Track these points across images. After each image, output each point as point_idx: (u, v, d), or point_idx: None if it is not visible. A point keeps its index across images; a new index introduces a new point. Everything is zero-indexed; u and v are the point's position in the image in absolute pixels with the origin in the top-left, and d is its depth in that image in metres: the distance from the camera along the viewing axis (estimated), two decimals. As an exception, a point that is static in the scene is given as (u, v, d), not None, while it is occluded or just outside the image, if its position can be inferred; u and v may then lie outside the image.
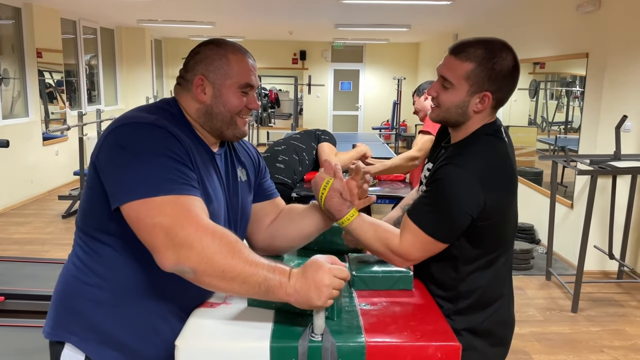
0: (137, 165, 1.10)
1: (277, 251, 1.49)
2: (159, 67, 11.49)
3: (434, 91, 1.39)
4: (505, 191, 1.35)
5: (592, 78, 4.29)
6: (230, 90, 1.26)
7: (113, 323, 1.21)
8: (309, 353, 1.06)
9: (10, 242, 4.89)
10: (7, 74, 6.19)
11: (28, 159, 6.37)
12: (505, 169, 1.35)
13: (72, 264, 1.26)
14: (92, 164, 1.18)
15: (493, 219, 1.32)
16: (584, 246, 3.59)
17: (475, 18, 7.24)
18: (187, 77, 1.27)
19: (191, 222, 1.07)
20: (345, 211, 1.34)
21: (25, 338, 2.73)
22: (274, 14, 7.41)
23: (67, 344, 1.23)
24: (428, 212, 1.31)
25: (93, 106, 8.23)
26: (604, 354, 3.11)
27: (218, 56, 1.25)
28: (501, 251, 1.40)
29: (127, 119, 1.18)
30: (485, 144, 1.36)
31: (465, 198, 1.28)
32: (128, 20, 8.60)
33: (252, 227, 1.47)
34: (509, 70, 1.33)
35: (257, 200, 1.47)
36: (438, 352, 1.09)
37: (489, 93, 1.33)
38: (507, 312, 1.47)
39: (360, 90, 12.41)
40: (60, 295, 1.26)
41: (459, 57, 1.33)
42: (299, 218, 1.44)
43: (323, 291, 1.06)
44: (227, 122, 1.28)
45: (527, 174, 5.65)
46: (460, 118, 1.37)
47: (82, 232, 1.24)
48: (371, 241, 1.35)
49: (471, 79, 1.32)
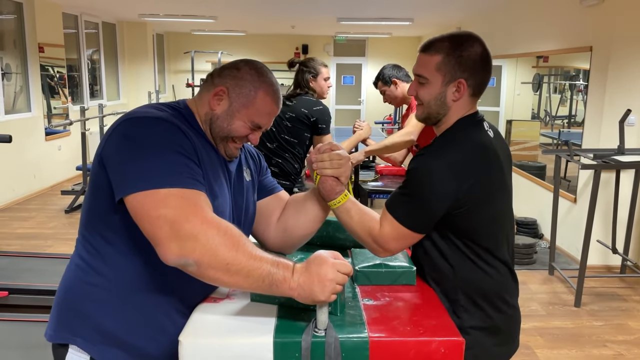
0: (144, 157, 1.10)
1: (293, 245, 1.47)
2: (161, 61, 11.47)
3: (413, 90, 1.44)
4: (480, 179, 1.33)
5: (595, 72, 4.27)
6: (242, 118, 1.27)
7: (118, 323, 1.21)
8: (312, 348, 1.06)
9: (14, 237, 4.91)
10: (9, 68, 6.19)
11: (31, 154, 6.38)
12: (481, 156, 1.35)
13: (75, 265, 1.25)
14: (98, 157, 1.18)
15: (468, 206, 1.32)
16: (587, 240, 3.59)
17: (477, 11, 7.21)
18: (215, 81, 1.28)
19: (196, 215, 1.07)
20: (336, 194, 1.36)
21: (28, 333, 2.74)
22: (276, 8, 7.38)
23: (71, 346, 1.22)
24: (402, 203, 1.35)
25: (95, 101, 8.23)
26: (607, 348, 3.11)
27: (251, 85, 1.26)
28: (492, 245, 1.39)
29: (136, 113, 1.19)
30: (461, 133, 1.38)
31: (436, 188, 1.30)
32: (130, 14, 8.59)
33: (262, 227, 1.47)
34: (478, 56, 1.37)
35: (261, 196, 1.47)
36: (441, 347, 1.09)
37: (463, 80, 1.37)
38: (512, 309, 1.46)
39: (363, 85, 12.38)
40: (63, 297, 1.25)
41: (428, 53, 1.39)
42: (305, 204, 1.44)
43: (327, 286, 1.06)
44: (222, 138, 1.28)
45: (530, 168, 5.63)
46: (441, 110, 1.40)
47: (86, 230, 1.24)
48: (356, 227, 1.38)
49: (442, 69, 1.36)
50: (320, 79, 3.05)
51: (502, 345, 1.46)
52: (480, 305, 1.39)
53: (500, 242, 1.41)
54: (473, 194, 1.32)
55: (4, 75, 6.02)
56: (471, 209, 1.33)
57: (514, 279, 1.48)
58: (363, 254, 1.46)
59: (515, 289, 1.49)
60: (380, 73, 3.23)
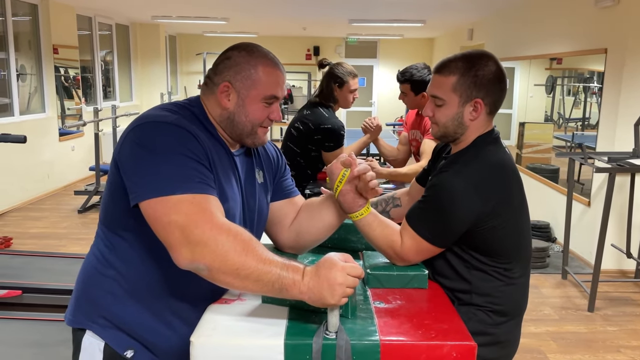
0: (156, 163, 1.12)
1: (304, 248, 1.48)
2: (173, 63, 11.55)
3: (429, 111, 1.44)
4: (503, 196, 1.35)
5: (610, 74, 4.22)
6: (255, 101, 1.26)
7: (128, 315, 1.25)
8: (323, 351, 1.06)
9: (27, 236, 4.96)
10: (24, 70, 6.26)
11: (44, 155, 6.45)
12: (502, 175, 1.36)
13: (93, 255, 1.30)
14: (114, 160, 1.20)
15: (491, 222, 1.33)
16: (601, 244, 3.54)
17: (490, 13, 7.16)
18: (215, 80, 1.27)
19: (206, 220, 1.08)
20: (358, 207, 1.35)
21: (42, 332, 2.77)
22: (288, 10, 7.40)
23: (87, 330, 1.27)
24: (424, 219, 1.35)
25: (108, 102, 8.30)
26: (621, 354, 3.07)
27: (248, 65, 1.25)
28: (513, 263, 1.40)
29: (148, 118, 1.20)
30: (482, 151, 1.39)
31: (461, 205, 1.31)
32: (143, 16, 8.65)
33: (275, 228, 1.47)
34: (493, 74, 1.38)
35: (276, 198, 1.46)
36: (453, 352, 1.08)
37: (479, 99, 1.37)
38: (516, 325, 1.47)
39: (374, 86, 12.36)
40: (81, 284, 1.31)
41: (442, 74, 1.39)
42: (319, 211, 1.43)
43: (336, 290, 1.05)
44: (248, 132, 1.29)
45: (543, 171, 5.58)
46: (459, 130, 1.40)
47: (103, 225, 1.28)
48: (378, 240, 1.38)
49: (458, 89, 1.37)
50: (345, 90, 2.94)
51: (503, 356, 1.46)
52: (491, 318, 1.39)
53: (520, 258, 1.41)
54: (496, 211, 1.33)
55: (19, 76, 6.10)
56: (494, 226, 1.33)
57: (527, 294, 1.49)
58: (375, 256, 1.46)
59: (526, 303, 1.50)
60: (411, 74, 2.90)
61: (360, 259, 1.50)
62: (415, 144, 3.10)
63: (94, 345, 1.25)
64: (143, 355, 1.26)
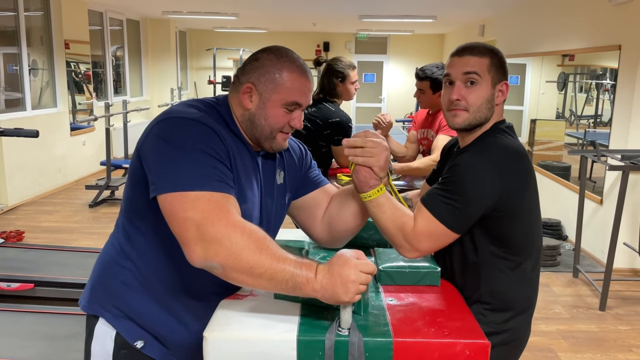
0: (177, 158, 1.12)
1: (339, 239, 1.44)
2: (183, 58, 11.57)
3: (457, 95, 1.37)
4: (521, 181, 1.33)
5: (624, 71, 4.17)
6: (276, 105, 1.24)
7: (141, 307, 1.26)
8: (335, 347, 1.06)
9: (39, 230, 5.00)
10: (36, 64, 6.30)
11: (56, 149, 6.49)
12: (521, 161, 1.35)
13: (112, 244, 1.31)
14: (137, 152, 1.21)
15: (508, 209, 1.31)
16: (613, 243, 3.51)
17: (502, 8, 7.10)
18: (241, 79, 1.27)
19: (222, 218, 1.08)
20: (369, 187, 1.29)
21: (54, 325, 2.79)
22: (298, 5, 7.38)
23: (100, 318, 1.28)
24: (442, 199, 1.29)
25: (119, 97, 8.34)
26: (633, 353, 3.04)
27: (274, 68, 1.24)
28: (525, 255, 1.38)
29: (174, 113, 1.20)
30: (501, 137, 1.39)
31: (480, 186, 1.28)
32: (153, 11, 8.68)
33: (309, 222, 1.45)
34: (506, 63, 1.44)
35: (306, 191, 1.44)
36: (466, 350, 1.08)
37: (506, 82, 1.42)
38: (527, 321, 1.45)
39: (384, 83, 12.31)
40: (98, 272, 1.32)
41: (475, 54, 1.39)
42: (347, 198, 1.40)
43: (350, 287, 1.05)
44: (267, 136, 1.27)
45: (554, 168, 5.54)
46: (489, 113, 1.40)
47: (124, 216, 1.29)
48: (387, 223, 1.30)
49: (492, 70, 1.39)
50: (347, 83, 2.99)
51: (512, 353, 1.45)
52: (501, 314, 1.38)
53: (530, 252, 1.40)
54: (515, 196, 1.31)
55: (31, 71, 6.14)
56: (509, 212, 1.32)
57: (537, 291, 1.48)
58: (387, 253, 1.45)
59: (536, 300, 1.48)
60: (431, 71, 2.90)
61: (371, 256, 1.49)
62: (427, 143, 3.08)
63: (106, 334, 1.27)
64: (153, 347, 1.27)
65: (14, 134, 3.76)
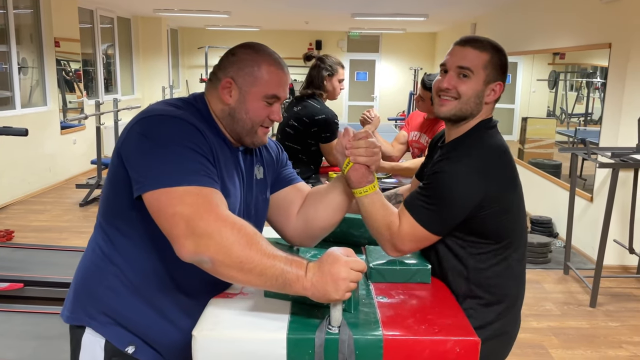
0: (161, 155, 1.12)
1: (313, 237, 1.44)
2: (175, 56, 11.52)
3: (448, 84, 1.38)
4: (507, 179, 1.34)
5: (614, 69, 4.20)
6: (255, 98, 1.25)
7: (129, 311, 1.24)
8: (325, 345, 1.05)
9: (29, 229, 4.96)
10: (26, 63, 6.25)
11: (46, 148, 6.44)
12: (504, 159, 1.36)
13: (92, 250, 1.28)
14: (117, 152, 1.19)
15: (495, 206, 1.32)
16: (603, 240, 3.53)
17: (493, 7, 7.12)
18: (219, 75, 1.28)
19: (211, 212, 1.07)
20: (366, 182, 1.34)
21: (43, 324, 2.77)
22: (290, 3, 7.36)
23: (87, 328, 1.25)
24: (424, 205, 1.33)
25: (110, 95, 8.28)
26: (623, 349, 3.06)
27: (252, 62, 1.25)
28: (511, 248, 1.39)
29: (154, 111, 1.19)
30: (484, 136, 1.38)
31: (462, 192, 1.30)
32: (144, 9, 8.63)
33: (282, 219, 1.45)
34: (507, 66, 1.42)
35: (278, 188, 1.45)
36: (456, 347, 1.07)
37: (501, 84, 1.39)
38: (516, 314, 1.46)
39: (376, 81, 12.33)
40: (80, 280, 1.29)
41: (476, 48, 1.37)
42: (326, 195, 1.41)
43: (340, 285, 1.05)
44: (248, 130, 1.28)
45: (545, 166, 5.57)
46: (476, 109, 1.39)
47: (103, 219, 1.26)
48: (378, 219, 1.35)
49: (488, 68, 1.37)
50: (335, 80, 3.00)
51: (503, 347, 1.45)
52: (489, 309, 1.38)
53: (517, 246, 1.40)
54: (497, 198, 1.32)
55: (21, 70, 6.08)
56: (494, 212, 1.32)
57: (524, 283, 1.48)
58: (377, 251, 1.45)
59: (524, 293, 1.49)
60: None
61: (362, 254, 1.49)
62: (419, 147, 3.08)
63: (95, 343, 1.24)
64: (144, 351, 1.25)
65: (3, 132, 3.73)
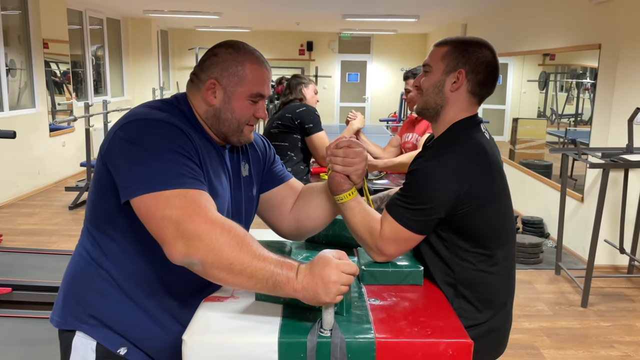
0: (147, 159, 1.11)
1: (305, 234, 1.47)
2: (165, 58, 11.46)
3: (416, 82, 1.47)
4: (480, 179, 1.33)
5: (604, 70, 4.23)
6: (241, 98, 1.25)
7: (118, 314, 1.23)
8: (317, 348, 1.04)
9: (18, 232, 4.91)
10: (14, 64, 6.19)
11: (35, 150, 6.38)
12: (481, 158, 1.35)
13: (79, 255, 1.27)
14: (101, 158, 1.18)
15: (469, 207, 1.32)
16: (594, 240, 3.55)
17: (484, 8, 7.16)
18: (201, 76, 1.26)
19: (200, 214, 1.06)
20: (342, 190, 1.35)
21: (32, 329, 2.74)
22: (281, 4, 7.36)
23: (77, 332, 1.24)
24: (402, 205, 1.34)
25: (99, 97, 8.22)
26: (614, 349, 3.08)
27: (235, 62, 1.24)
28: (495, 246, 1.38)
29: (136, 115, 1.18)
30: (461, 135, 1.38)
31: (438, 189, 1.30)
32: (134, 10, 8.58)
33: (275, 216, 1.46)
34: (484, 58, 1.39)
35: (270, 186, 1.45)
36: (449, 349, 1.07)
37: (463, 70, 1.38)
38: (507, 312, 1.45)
39: (368, 82, 12.34)
40: (69, 284, 1.28)
41: (438, 46, 1.43)
42: (319, 193, 1.42)
43: (331, 288, 1.04)
44: (234, 129, 1.28)
45: (536, 166, 5.59)
46: (438, 100, 1.40)
47: (90, 224, 1.25)
48: (358, 226, 1.36)
49: (446, 59, 1.39)
50: (310, 89, 3.19)
51: (493, 347, 1.45)
52: (478, 308, 1.38)
53: (502, 243, 1.40)
54: (474, 195, 1.31)
55: (9, 71, 6.02)
56: (472, 209, 1.32)
57: (514, 280, 1.48)
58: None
59: (513, 290, 1.48)
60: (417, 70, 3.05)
61: (354, 256, 1.48)
62: (410, 146, 3.13)
63: (86, 346, 1.23)
64: (134, 354, 1.24)
65: (-10, 134, 3.68)
